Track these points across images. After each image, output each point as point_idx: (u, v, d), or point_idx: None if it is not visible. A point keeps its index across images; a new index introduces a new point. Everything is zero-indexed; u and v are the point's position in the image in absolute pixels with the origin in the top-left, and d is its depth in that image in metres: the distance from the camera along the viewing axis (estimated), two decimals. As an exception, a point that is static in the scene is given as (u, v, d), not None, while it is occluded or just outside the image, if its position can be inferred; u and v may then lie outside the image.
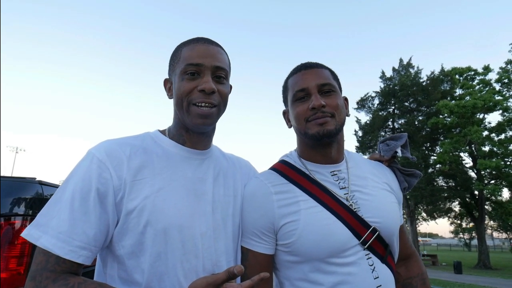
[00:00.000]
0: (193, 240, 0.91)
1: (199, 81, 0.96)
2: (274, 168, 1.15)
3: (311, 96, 1.06)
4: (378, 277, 0.98)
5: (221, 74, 1.00)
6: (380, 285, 0.97)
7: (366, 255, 0.99)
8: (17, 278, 1.63)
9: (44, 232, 0.80)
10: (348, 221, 1.00)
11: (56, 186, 2.03)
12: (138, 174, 0.90)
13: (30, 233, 0.81)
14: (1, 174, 1.75)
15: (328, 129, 1.02)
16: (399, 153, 1.21)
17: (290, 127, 1.19)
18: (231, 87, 1.13)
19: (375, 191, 1.10)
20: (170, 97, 1.05)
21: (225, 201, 1.04)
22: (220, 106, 1.00)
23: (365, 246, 1.00)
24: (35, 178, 1.86)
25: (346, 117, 1.13)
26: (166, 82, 1.08)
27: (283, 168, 1.13)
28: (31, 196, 1.75)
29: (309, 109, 1.04)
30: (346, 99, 1.18)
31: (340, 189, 1.07)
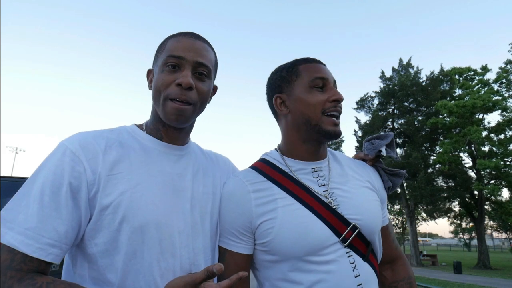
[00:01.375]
0: (171, 238, 0.88)
1: (178, 75, 0.92)
2: (253, 167, 1.12)
3: (329, 88, 1.04)
4: (359, 275, 0.95)
5: (202, 70, 0.96)
6: (361, 284, 0.95)
7: (347, 253, 0.97)
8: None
9: (10, 229, 0.73)
10: (327, 218, 0.98)
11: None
12: (114, 169, 0.86)
13: None
14: (2, 175, 1.75)
15: (340, 130, 1.04)
16: (383, 152, 1.18)
17: (286, 113, 1.10)
18: (216, 88, 1.10)
19: (356, 188, 1.07)
20: (150, 88, 1.01)
21: (204, 199, 1.01)
22: (196, 105, 0.96)
23: (346, 244, 0.97)
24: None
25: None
26: (149, 72, 1.04)
27: (262, 166, 1.10)
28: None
29: (329, 100, 1.02)
30: None
31: (319, 186, 1.04)
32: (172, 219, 0.90)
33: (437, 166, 23.49)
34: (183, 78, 0.91)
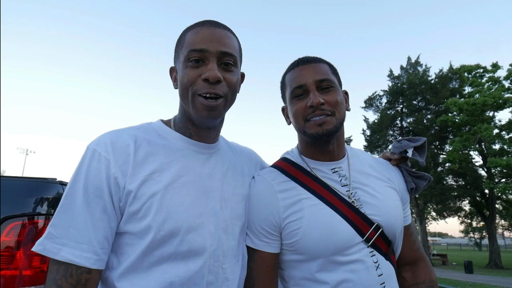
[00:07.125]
0: (201, 241, 0.87)
1: (203, 69, 0.87)
2: (276, 166, 1.13)
3: (309, 93, 1.02)
4: (382, 274, 0.96)
5: (228, 60, 0.90)
6: (384, 282, 0.96)
7: (370, 252, 0.98)
8: (40, 276, 1.67)
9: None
10: (351, 218, 0.98)
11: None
12: (143, 170, 0.84)
13: None
14: (25, 175, 1.80)
15: (327, 128, 1.00)
16: (409, 154, 1.17)
17: (289, 124, 1.16)
18: (243, 75, 1.05)
19: (378, 187, 1.08)
20: (175, 87, 0.97)
21: (235, 200, 0.98)
22: (227, 97, 0.91)
23: (369, 244, 0.98)
24: (56, 179, 1.90)
25: (348, 112, 1.13)
26: (171, 70, 1.00)
27: (284, 166, 1.11)
28: (52, 196, 1.79)
29: (308, 107, 1.01)
30: (346, 93, 1.15)
31: (342, 186, 1.05)
32: (203, 221, 0.87)
33: (447, 164, 23.26)
34: (210, 72, 0.85)
